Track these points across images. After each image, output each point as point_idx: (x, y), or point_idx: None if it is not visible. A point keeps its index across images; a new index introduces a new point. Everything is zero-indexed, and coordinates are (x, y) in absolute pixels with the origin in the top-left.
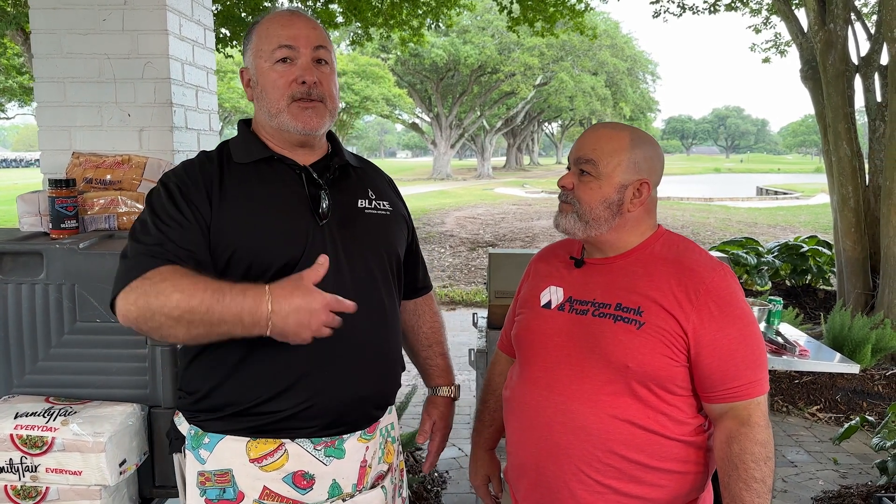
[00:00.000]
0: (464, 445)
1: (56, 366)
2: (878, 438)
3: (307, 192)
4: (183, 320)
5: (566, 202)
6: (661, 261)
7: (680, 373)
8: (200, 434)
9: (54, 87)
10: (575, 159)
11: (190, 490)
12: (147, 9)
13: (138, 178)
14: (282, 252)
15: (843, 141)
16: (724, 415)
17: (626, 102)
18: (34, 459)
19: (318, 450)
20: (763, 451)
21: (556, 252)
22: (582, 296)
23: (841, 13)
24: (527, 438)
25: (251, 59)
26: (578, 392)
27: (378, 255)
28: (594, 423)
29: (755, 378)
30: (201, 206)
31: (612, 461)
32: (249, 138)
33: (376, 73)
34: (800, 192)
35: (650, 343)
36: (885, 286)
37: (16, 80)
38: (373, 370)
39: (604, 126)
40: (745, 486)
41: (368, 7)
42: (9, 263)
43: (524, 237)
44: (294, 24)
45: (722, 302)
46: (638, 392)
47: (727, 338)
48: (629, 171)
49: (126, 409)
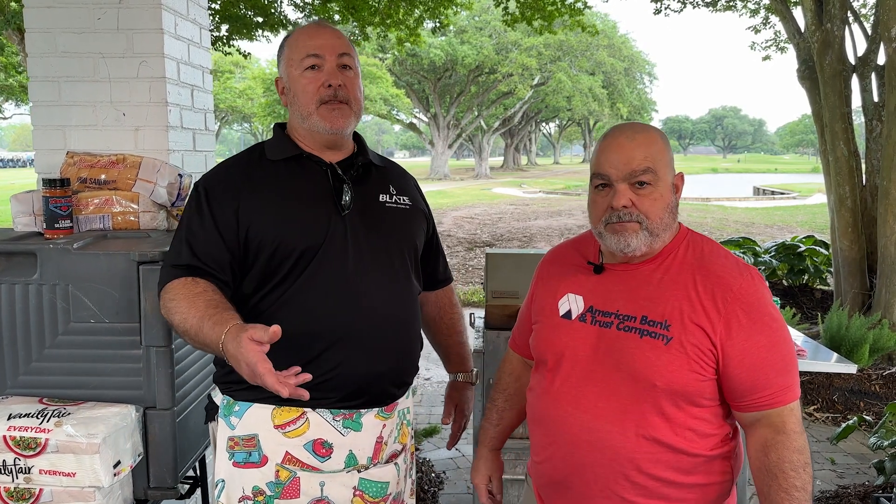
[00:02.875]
0: (460, 446)
1: (50, 366)
2: (875, 438)
3: (331, 186)
4: (186, 336)
5: (632, 221)
6: (685, 265)
7: (709, 386)
8: (231, 403)
9: (49, 86)
10: (627, 174)
11: (220, 454)
12: (142, 7)
13: (133, 177)
14: (303, 239)
15: (840, 141)
16: (757, 423)
17: (623, 103)
18: (27, 461)
19: (336, 420)
20: (801, 459)
21: (569, 254)
22: (604, 306)
23: (838, 13)
24: (553, 454)
25: (284, 69)
26: (605, 410)
27: (397, 245)
28: (621, 442)
29: (787, 384)
30: (225, 208)
31: (639, 480)
32: (283, 139)
33: (374, 73)
34: (797, 192)
35: (679, 360)
36: (882, 286)
37: (15, 80)
38: (390, 348)
39: (633, 130)
40: (787, 495)
41: (365, 6)
42: (2, 263)
43: (522, 237)
44: (320, 35)
45: (750, 308)
46: (665, 409)
47: (757, 346)
48: (672, 168)
49: (121, 410)
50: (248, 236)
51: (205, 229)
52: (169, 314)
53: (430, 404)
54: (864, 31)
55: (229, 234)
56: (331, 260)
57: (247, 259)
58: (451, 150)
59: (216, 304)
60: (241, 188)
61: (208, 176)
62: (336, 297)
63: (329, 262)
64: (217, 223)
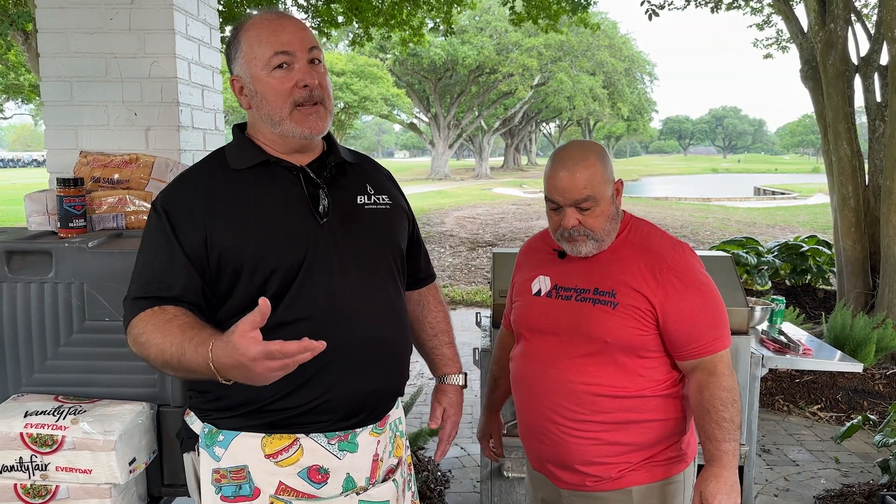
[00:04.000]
0: (466, 445)
1: (65, 364)
2: (880, 436)
3: (306, 193)
4: (166, 367)
5: (580, 235)
6: (630, 246)
7: (651, 340)
8: (215, 432)
9: (61, 86)
10: (571, 203)
11: (205, 488)
12: (154, 8)
13: (146, 177)
14: (285, 254)
15: (843, 141)
16: (694, 369)
17: (623, 103)
18: (44, 458)
19: (332, 444)
20: (729, 396)
21: (540, 245)
22: (565, 283)
23: (841, 13)
24: (528, 405)
25: (244, 67)
26: (570, 365)
27: (381, 250)
28: (583, 388)
29: (717, 336)
30: (189, 231)
31: (601, 418)
32: (245, 144)
33: (375, 73)
34: (797, 192)
35: (624, 320)
36: (886, 286)
37: (24, 79)
38: (383, 364)
39: (573, 161)
40: (717, 425)
41: (369, 7)
42: (18, 262)
43: (524, 237)
44: (286, 29)
45: (682, 275)
46: (618, 361)
47: (689, 306)
48: (610, 182)
49: (135, 407)
50: (221, 260)
51: (168, 254)
52: (142, 350)
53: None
54: (866, 32)
55: (197, 257)
56: (315, 275)
57: (220, 283)
58: (452, 150)
59: (192, 326)
60: (205, 207)
61: (167, 193)
62: (324, 316)
63: (313, 277)
64: (182, 246)
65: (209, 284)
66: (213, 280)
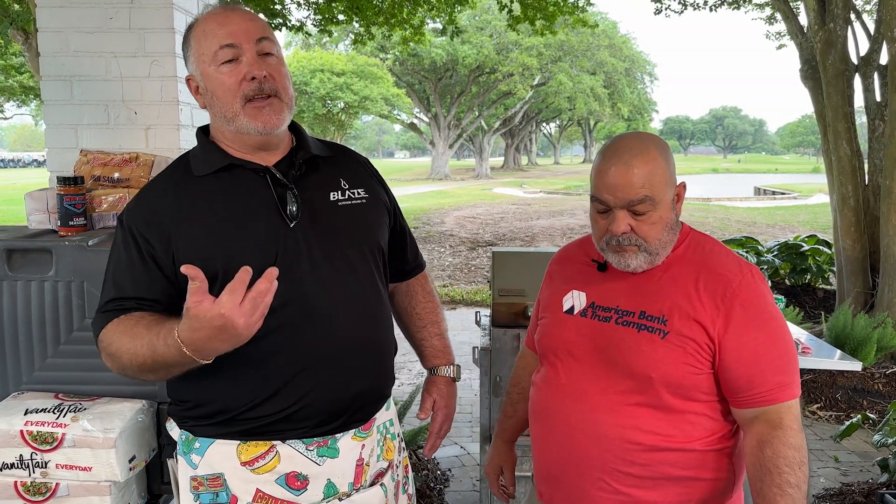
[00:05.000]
0: (466, 444)
1: (65, 362)
2: (879, 436)
3: (273, 195)
4: (143, 370)
5: (631, 245)
6: (687, 264)
7: (705, 380)
8: (191, 439)
9: (61, 86)
10: (624, 204)
11: (184, 495)
12: (154, 7)
13: (146, 175)
14: (253, 262)
15: (842, 140)
16: (755, 419)
17: (623, 103)
18: (44, 455)
19: (310, 450)
20: (797, 456)
21: (576, 254)
22: (605, 302)
23: (841, 12)
24: (549, 445)
25: (195, 65)
26: (602, 401)
27: (358, 247)
28: (615, 433)
29: (785, 382)
30: (156, 245)
31: (633, 470)
32: (208, 147)
33: (375, 73)
34: (798, 192)
35: (674, 353)
36: (885, 285)
37: (15, 80)
38: (364, 366)
39: (630, 154)
40: (780, 491)
41: (370, 6)
42: (18, 260)
43: (524, 237)
44: (231, 21)
45: (748, 305)
46: (661, 402)
47: (754, 342)
48: (671, 184)
49: (135, 405)
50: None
51: (131, 266)
52: (116, 361)
53: None
54: (866, 31)
55: (166, 271)
56: (286, 280)
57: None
58: (452, 150)
59: (157, 322)
60: (170, 219)
61: (131, 208)
62: (298, 321)
63: (284, 282)
64: (147, 260)
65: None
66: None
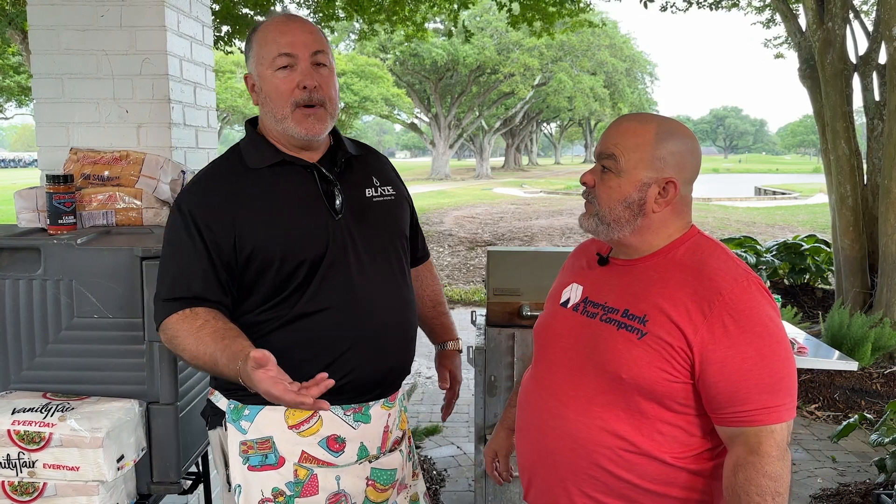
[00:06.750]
0: (462, 444)
1: (53, 361)
2: (876, 436)
3: (321, 190)
4: (198, 367)
5: (588, 202)
6: (680, 266)
7: (679, 389)
8: (240, 407)
9: (52, 84)
10: (598, 154)
11: (233, 459)
12: (145, 5)
13: (136, 174)
14: (306, 249)
15: (841, 140)
16: (735, 440)
17: (624, 103)
18: (31, 455)
19: (347, 415)
20: (771, 486)
21: (589, 247)
22: (596, 297)
23: (839, 12)
24: (524, 437)
25: (254, 66)
26: (573, 398)
27: (391, 241)
28: (582, 433)
29: (772, 404)
30: (219, 231)
31: (598, 475)
32: (259, 141)
33: (375, 73)
34: (798, 192)
35: (649, 356)
36: (884, 284)
37: (13, 80)
38: (397, 345)
39: (628, 118)
40: None
41: (370, 3)
42: (6, 259)
43: (523, 236)
44: (291, 31)
45: (741, 317)
46: (632, 405)
47: (740, 357)
48: (652, 168)
49: (124, 404)
50: (251, 255)
51: (194, 256)
52: (175, 350)
53: (431, 403)
54: (865, 30)
55: (225, 256)
56: (335, 267)
57: (246, 276)
58: (452, 150)
59: (223, 335)
60: (232, 206)
61: (190, 195)
62: (344, 305)
63: (333, 270)
64: (209, 248)
65: (235, 278)
66: (240, 274)
